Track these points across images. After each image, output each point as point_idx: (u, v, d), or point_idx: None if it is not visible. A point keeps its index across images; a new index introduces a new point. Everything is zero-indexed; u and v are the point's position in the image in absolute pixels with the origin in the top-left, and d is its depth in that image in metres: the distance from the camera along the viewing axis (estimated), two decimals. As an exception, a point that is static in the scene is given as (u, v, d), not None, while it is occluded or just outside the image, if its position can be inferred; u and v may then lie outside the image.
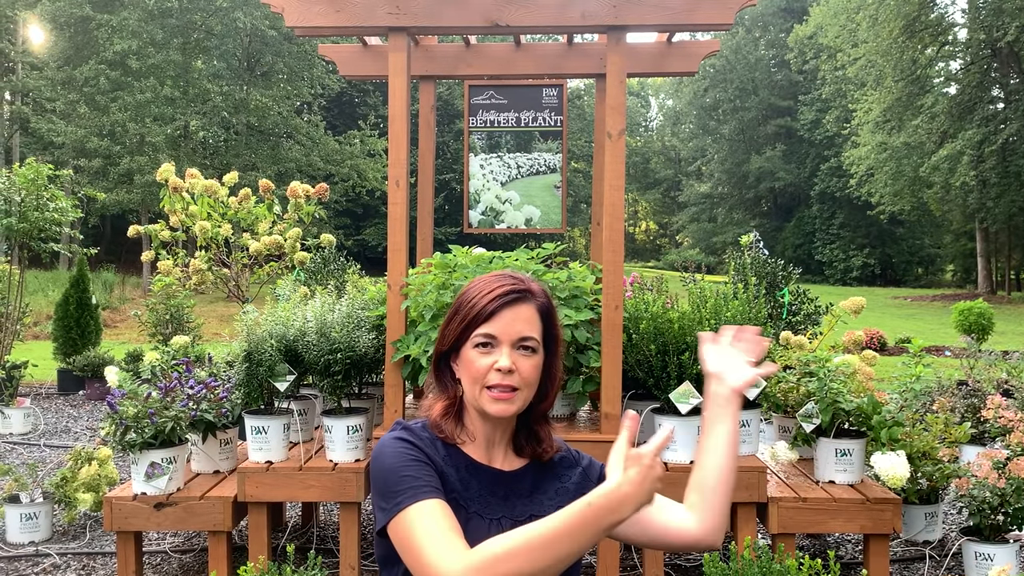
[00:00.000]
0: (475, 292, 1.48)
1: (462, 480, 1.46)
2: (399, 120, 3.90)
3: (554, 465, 1.56)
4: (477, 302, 1.46)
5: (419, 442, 1.45)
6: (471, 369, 1.45)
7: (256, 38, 26.61)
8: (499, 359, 1.43)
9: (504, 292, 1.46)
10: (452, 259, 4.09)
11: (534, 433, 1.55)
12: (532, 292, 1.49)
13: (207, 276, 6.17)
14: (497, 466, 1.51)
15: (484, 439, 1.51)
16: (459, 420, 1.52)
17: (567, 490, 1.53)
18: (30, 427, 7.65)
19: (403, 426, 1.50)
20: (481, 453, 1.51)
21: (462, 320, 1.47)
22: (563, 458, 1.59)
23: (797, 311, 8.43)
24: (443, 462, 1.45)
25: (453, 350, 1.50)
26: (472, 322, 1.45)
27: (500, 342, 1.44)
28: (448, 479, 1.44)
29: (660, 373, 3.85)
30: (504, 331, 1.44)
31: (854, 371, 4.22)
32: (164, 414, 3.86)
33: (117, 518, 3.84)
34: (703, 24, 3.82)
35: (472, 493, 1.45)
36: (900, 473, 3.73)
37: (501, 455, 1.53)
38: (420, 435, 1.48)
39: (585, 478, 1.56)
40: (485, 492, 1.47)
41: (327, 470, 3.88)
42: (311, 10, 3.88)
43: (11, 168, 8.93)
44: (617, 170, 3.86)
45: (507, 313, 1.45)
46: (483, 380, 1.44)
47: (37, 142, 27.12)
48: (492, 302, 1.45)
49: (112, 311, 19.45)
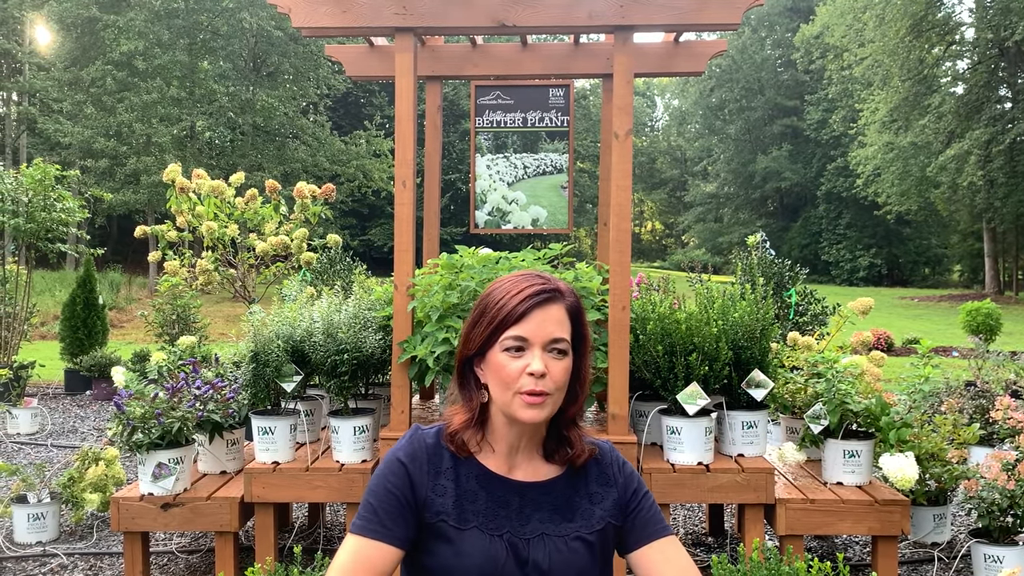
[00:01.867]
0: (502, 292, 1.41)
1: (468, 491, 1.41)
2: (406, 121, 3.89)
3: (589, 481, 1.48)
4: (506, 303, 1.39)
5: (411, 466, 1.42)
6: (501, 374, 1.38)
7: (262, 38, 26.64)
8: (531, 362, 1.36)
9: (534, 292, 1.39)
10: (458, 260, 4.09)
11: (564, 438, 1.48)
12: (561, 291, 1.44)
13: (213, 276, 6.17)
14: (519, 476, 1.45)
15: (507, 447, 1.46)
16: (480, 431, 1.46)
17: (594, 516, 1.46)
18: (37, 427, 7.67)
19: (411, 438, 1.46)
20: (501, 463, 1.45)
21: (490, 322, 1.40)
22: (601, 472, 1.50)
23: (804, 311, 8.40)
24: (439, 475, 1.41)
25: (479, 354, 1.43)
26: (501, 324, 1.38)
27: (531, 344, 1.38)
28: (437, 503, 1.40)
29: (667, 374, 3.83)
30: (535, 333, 1.38)
31: (862, 372, 4.21)
32: (171, 415, 3.87)
33: (124, 518, 3.85)
34: (711, 24, 3.81)
35: (478, 506, 1.40)
36: (909, 475, 3.71)
37: (526, 463, 1.47)
38: (420, 455, 1.43)
39: (618, 505, 1.48)
40: (494, 505, 1.41)
41: (334, 471, 3.88)
42: (317, 11, 3.88)
43: (18, 169, 8.96)
44: (624, 170, 3.85)
45: (538, 314, 1.38)
46: (515, 385, 1.37)
47: (44, 142, 27.21)
48: (522, 303, 1.38)
49: (118, 311, 19.50)
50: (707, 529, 4.92)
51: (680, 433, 3.79)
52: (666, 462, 3.83)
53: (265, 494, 3.86)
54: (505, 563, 1.37)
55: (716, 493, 3.76)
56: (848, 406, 3.82)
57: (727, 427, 3.97)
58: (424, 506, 1.39)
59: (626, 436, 3.77)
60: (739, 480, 3.74)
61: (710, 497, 3.78)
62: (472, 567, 1.36)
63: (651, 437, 4.08)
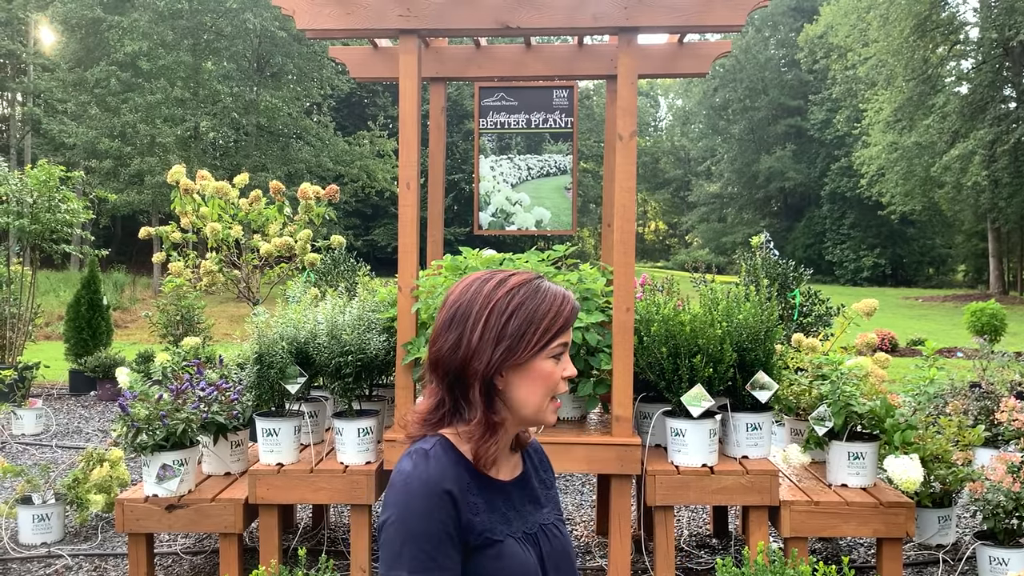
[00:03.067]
0: (548, 301, 1.38)
1: (490, 504, 1.39)
2: (410, 123, 3.89)
3: (537, 468, 1.55)
4: (561, 310, 1.38)
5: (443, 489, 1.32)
6: (549, 381, 1.38)
7: (266, 39, 26.64)
8: (567, 367, 1.41)
9: (576, 301, 1.43)
10: (463, 261, 4.09)
11: None
12: None
13: (218, 278, 6.18)
14: (504, 477, 1.45)
15: (505, 454, 1.46)
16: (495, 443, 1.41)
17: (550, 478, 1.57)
18: (42, 428, 7.68)
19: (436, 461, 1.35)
20: (503, 468, 1.46)
21: (544, 331, 1.36)
22: (539, 459, 1.58)
23: (808, 312, 8.40)
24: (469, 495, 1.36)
25: (516, 363, 1.36)
26: (558, 332, 1.38)
27: (566, 350, 1.42)
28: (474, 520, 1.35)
29: (672, 376, 3.83)
30: (569, 340, 1.42)
31: (867, 374, 4.20)
32: (175, 416, 3.87)
33: (129, 520, 3.86)
34: (715, 25, 3.80)
35: (497, 516, 1.39)
36: (914, 477, 3.70)
37: (507, 466, 1.48)
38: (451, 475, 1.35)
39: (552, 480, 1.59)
40: (507, 511, 1.41)
41: (338, 472, 3.88)
42: (322, 12, 3.88)
43: (23, 170, 8.98)
44: (628, 172, 3.85)
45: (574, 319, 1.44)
46: (555, 390, 1.39)
47: (49, 143, 27.25)
48: (573, 311, 1.41)
49: (123, 311, 19.53)
50: (711, 531, 4.92)
51: (684, 435, 3.78)
52: (670, 464, 3.83)
53: (269, 496, 3.86)
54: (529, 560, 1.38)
55: (720, 495, 3.76)
56: (853, 408, 3.81)
57: (731, 429, 3.96)
58: (468, 530, 1.33)
59: (630, 438, 3.77)
60: (743, 482, 3.73)
61: (714, 499, 3.77)
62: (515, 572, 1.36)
63: (655, 439, 4.08)
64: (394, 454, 3.86)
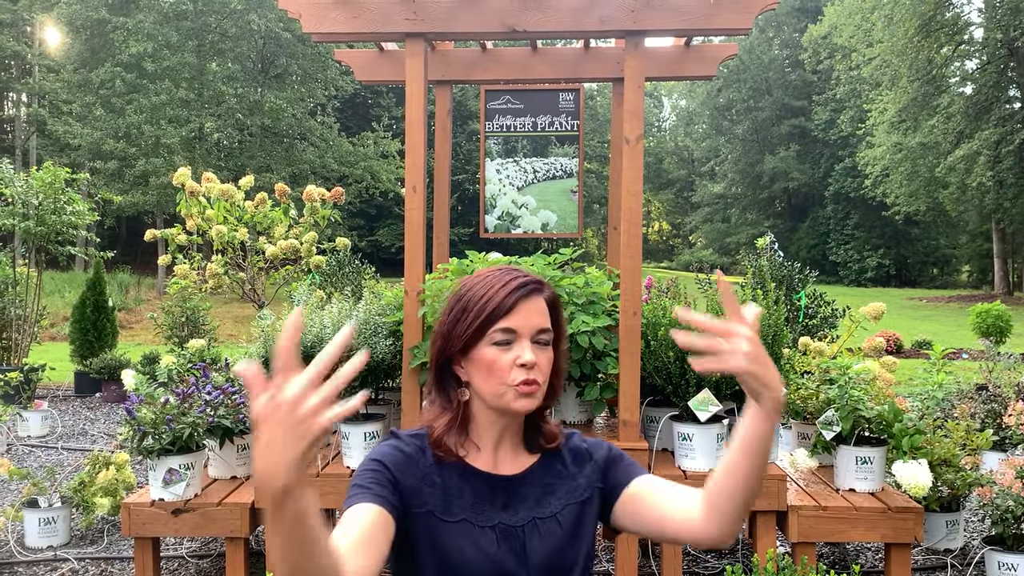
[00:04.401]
0: (486, 287, 1.40)
1: (452, 488, 1.41)
2: (416, 126, 3.89)
3: (566, 464, 1.51)
4: (493, 296, 1.38)
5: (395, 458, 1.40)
6: (493, 368, 1.38)
7: (270, 40, 26.68)
8: (521, 354, 1.37)
9: (520, 284, 1.39)
10: (469, 265, 4.08)
11: (539, 426, 1.50)
12: (542, 283, 1.44)
13: (223, 280, 6.18)
14: (504, 471, 1.45)
15: (491, 443, 1.46)
16: (463, 431, 1.45)
17: (578, 487, 1.48)
18: (48, 430, 7.69)
19: (393, 436, 1.46)
20: (487, 460, 1.45)
21: (476, 316, 1.38)
22: (576, 456, 1.52)
23: (814, 314, 8.39)
24: (426, 474, 1.40)
25: (461, 351, 1.41)
26: (489, 318, 1.37)
27: (519, 336, 1.38)
28: (424, 493, 1.39)
29: (679, 380, 3.82)
30: (523, 325, 1.38)
31: (874, 377, 4.18)
32: (182, 420, 3.87)
33: (135, 524, 3.85)
34: (722, 29, 3.79)
35: (465, 501, 1.40)
36: (922, 482, 3.68)
37: (510, 457, 1.47)
38: (403, 449, 1.42)
39: (596, 471, 1.51)
40: (481, 500, 1.42)
41: (344, 476, 3.87)
42: (328, 16, 3.87)
43: (29, 171, 8.99)
44: (635, 175, 3.84)
45: (524, 306, 1.39)
46: (507, 378, 1.37)
47: (54, 144, 27.31)
48: (510, 295, 1.38)
49: (127, 312, 19.56)
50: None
51: (692, 439, 3.77)
52: (678, 468, 3.82)
53: (276, 500, 3.85)
54: (498, 553, 1.38)
55: (728, 500, 3.74)
56: (860, 412, 3.80)
57: (739, 433, 3.94)
58: (412, 494, 1.37)
59: (637, 442, 3.76)
60: (751, 487, 3.71)
61: (722, 504, 3.75)
62: (465, 559, 1.37)
63: (662, 443, 4.07)
64: (400, 458, 3.85)
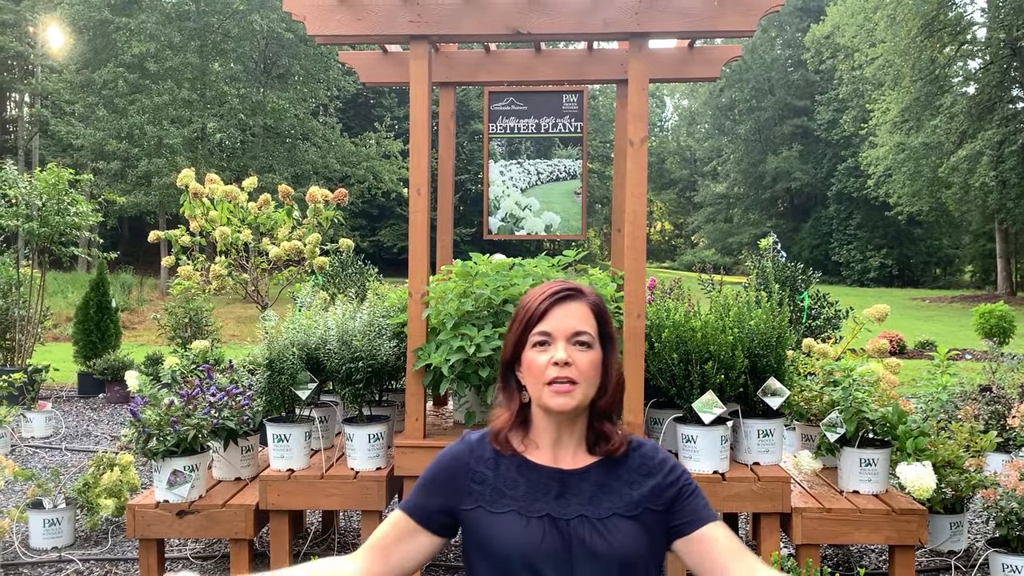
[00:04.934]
0: (528, 299, 1.59)
1: (508, 480, 1.56)
2: (420, 128, 3.89)
3: (629, 470, 1.59)
4: (531, 305, 1.56)
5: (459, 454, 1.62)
6: (532, 368, 1.53)
7: (272, 40, 26.67)
8: (556, 354, 1.51)
9: (554, 291, 1.56)
10: (472, 267, 4.08)
11: (600, 432, 1.60)
12: (582, 291, 1.58)
13: (227, 281, 6.19)
14: (565, 466, 1.57)
15: (551, 440, 1.59)
16: (524, 430, 1.61)
17: (631, 499, 1.55)
18: (51, 431, 7.70)
19: (460, 440, 1.66)
20: (547, 456, 1.59)
21: (519, 324, 1.57)
22: (643, 463, 1.60)
23: (817, 315, 8.38)
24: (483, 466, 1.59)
25: (515, 359, 1.59)
26: (527, 324, 1.55)
27: (555, 338, 1.52)
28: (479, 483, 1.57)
29: (683, 382, 3.82)
30: (558, 327, 1.53)
31: (878, 379, 4.18)
32: (186, 422, 3.88)
33: (140, 525, 3.86)
34: (726, 31, 3.79)
35: (518, 492, 1.54)
36: (926, 484, 3.68)
37: (570, 455, 1.59)
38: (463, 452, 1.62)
39: (657, 492, 1.56)
40: (534, 490, 1.54)
41: (348, 478, 3.88)
42: (332, 18, 3.88)
43: (32, 173, 9.01)
44: (639, 178, 3.84)
45: (559, 310, 1.54)
46: (543, 376, 1.51)
47: (56, 144, 27.33)
48: (543, 301, 1.54)
49: (130, 312, 19.56)
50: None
51: (696, 441, 3.78)
52: (681, 470, 3.81)
53: (280, 502, 3.86)
54: (543, 542, 1.49)
55: (732, 502, 3.75)
56: (865, 414, 3.80)
57: (743, 435, 3.95)
58: (460, 497, 1.57)
59: (641, 444, 3.75)
60: (755, 489, 3.73)
61: (726, 506, 3.76)
62: (511, 547, 1.49)
63: (666, 445, 4.07)
64: (405, 460, 3.86)
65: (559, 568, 1.48)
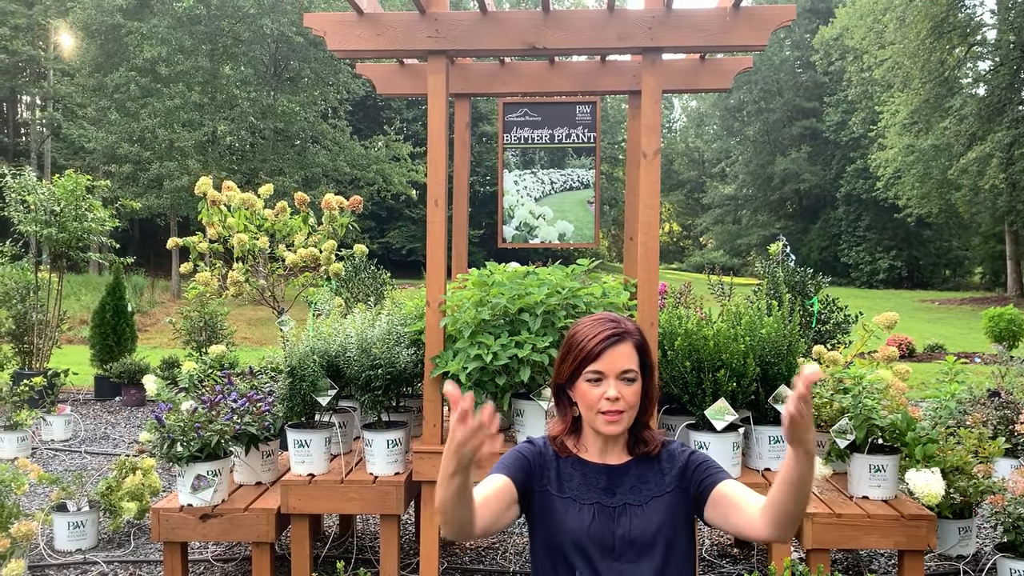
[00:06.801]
0: (583, 336, 1.82)
1: (566, 474, 1.87)
2: (438, 140, 3.97)
3: (660, 461, 1.89)
4: (586, 345, 1.79)
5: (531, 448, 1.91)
6: (586, 399, 1.80)
7: (283, 44, 26.82)
8: (607, 390, 1.78)
9: (607, 335, 1.79)
10: (488, 275, 4.16)
11: (640, 438, 1.90)
12: (629, 331, 1.83)
13: (244, 287, 6.29)
14: (610, 462, 1.87)
15: (599, 446, 1.89)
16: (576, 435, 1.90)
17: (664, 483, 1.86)
18: (70, 434, 7.81)
19: (528, 441, 1.95)
20: (596, 455, 1.89)
21: (574, 360, 1.81)
22: (670, 454, 1.90)
23: (827, 320, 8.43)
24: (547, 463, 1.88)
25: (569, 383, 1.84)
26: (583, 362, 1.79)
27: (606, 376, 1.78)
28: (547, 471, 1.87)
29: (695, 390, 3.90)
30: (609, 367, 1.78)
31: (887, 386, 4.25)
32: (209, 427, 3.97)
33: (164, 528, 3.96)
34: (738, 45, 3.86)
35: (574, 483, 1.85)
36: (935, 490, 3.75)
37: (615, 455, 1.89)
38: (531, 447, 1.91)
39: (682, 472, 1.87)
40: (587, 483, 1.85)
41: (368, 483, 3.96)
42: (352, 34, 3.97)
43: (52, 179, 9.13)
44: (652, 189, 3.91)
45: (611, 352, 1.78)
46: (596, 406, 1.79)
47: (68, 147, 27.54)
48: (598, 344, 1.78)
49: (142, 315, 19.72)
50: (732, 541, 4.98)
51: (708, 448, 3.85)
52: (694, 476, 3.89)
53: (301, 506, 3.95)
54: (592, 524, 1.79)
55: (743, 507, 3.82)
56: (874, 421, 3.86)
57: (754, 442, 4.02)
58: (538, 476, 1.86)
59: (655, 451, 3.83)
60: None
61: (737, 511, 3.83)
62: (569, 527, 1.80)
63: (678, 451, 4.14)
64: (423, 465, 3.95)
65: (604, 548, 1.78)
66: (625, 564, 1.77)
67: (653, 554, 1.77)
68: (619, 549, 1.77)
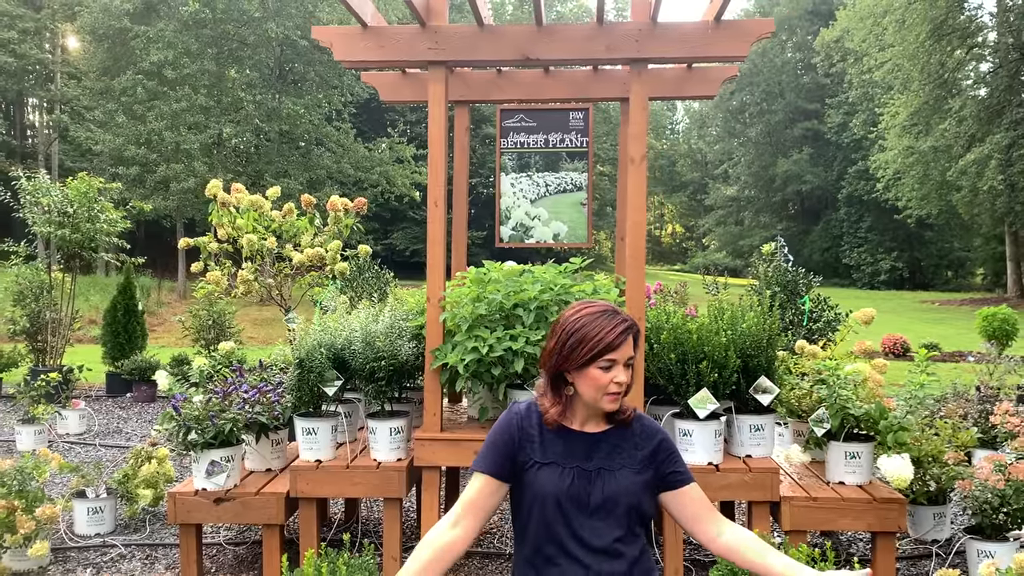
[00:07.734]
0: (599, 328, 2.01)
1: (549, 440, 2.07)
2: (438, 145, 4.21)
3: (635, 435, 2.10)
4: (604, 337, 1.99)
5: (513, 420, 2.09)
6: (597, 383, 2.00)
7: (287, 47, 27.13)
8: (617, 375, 2.01)
9: (625, 329, 2.01)
10: (485, 273, 4.41)
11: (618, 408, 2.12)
12: (634, 324, 2.05)
13: (253, 286, 6.54)
14: (589, 430, 2.08)
15: (583, 417, 2.09)
16: (566, 409, 2.09)
17: (636, 457, 2.07)
18: (85, 428, 8.08)
19: (508, 411, 2.14)
20: (578, 424, 2.09)
21: (592, 349, 1.99)
22: (644, 430, 2.12)
23: (818, 318, 8.66)
24: (530, 431, 2.07)
25: (578, 369, 2.02)
26: (602, 351, 1.99)
27: (617, 363, 2.01)
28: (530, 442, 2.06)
29: (680, 380, 4.13)
30: (621, 356, 2.01)
31: (865, 379, 4.48)
32: (223, 416, 4.22)
33: (180, 511, 4.20)
34: (719, 56, 4.10)
35: (557, 449, 2.05)
36: (905, 475, 3.98)
37: (594, 424, 2.10)
38: (517, 413, 2.11)
39: (654, 455, 2.08)
40: (569, 448, 2.06)
41: (372, 468, 4.21)
42: (357, 45, 4.22)
43: (65, 182, 9.40)
44: (639, 192, 4.15)
45: (625, 343, 2.01)
46: (605, 388, 2.01)
47: (75, 149, 27.85)
48: (617, 337, 2.00)
49: (149, 315, 19.98)
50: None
51: (692, 435, 4.09)
52: (679, 462, 4.13)
53: (309, 489, 4.20)
54: (571, 486, 2.01)
55: (725, 491, 4.06)
56: (849, 410, 4.10)
57: (736, 430, 4.26)
58: (518, 452, 2.05)
59: (641, 438, 4.07)
60: (747, 479, 4.03)
61: (720, 495, 4.07)
62: (550, 490, 2.01)
63: (665, 439, 4.38)
64: (425, 452, 4.19)
65: (580, 505, 2.01)
66: (596, 521, 2.01)
67: (619, 514, 2.03)
68: (592, 507, 2.01)
